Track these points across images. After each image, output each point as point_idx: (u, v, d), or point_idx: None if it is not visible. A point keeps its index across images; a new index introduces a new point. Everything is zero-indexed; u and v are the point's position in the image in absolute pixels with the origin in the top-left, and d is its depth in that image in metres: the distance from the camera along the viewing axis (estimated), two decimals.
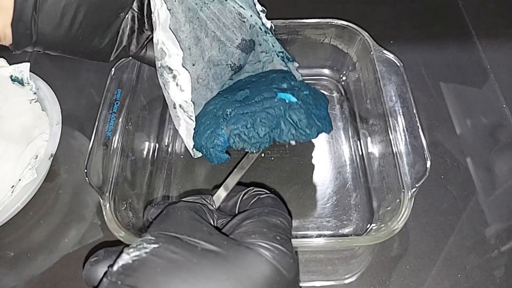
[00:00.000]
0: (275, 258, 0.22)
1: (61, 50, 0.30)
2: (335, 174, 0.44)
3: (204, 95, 0.40)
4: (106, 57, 0.33)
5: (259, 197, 0.30)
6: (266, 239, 0.23)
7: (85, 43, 0.30)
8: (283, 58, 0.44)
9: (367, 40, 0.44)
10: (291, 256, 0.23)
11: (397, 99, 0.40)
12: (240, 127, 0.38)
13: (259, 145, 0.38)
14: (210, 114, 0.39)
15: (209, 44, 0.37)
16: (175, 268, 0.21)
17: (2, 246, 0.41)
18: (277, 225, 0.26)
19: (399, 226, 0.33)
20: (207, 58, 0.37)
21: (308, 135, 0.39)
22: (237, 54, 0.39)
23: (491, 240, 0.40)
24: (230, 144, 0.38)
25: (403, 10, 0.61)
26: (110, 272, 0.21)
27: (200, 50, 0.36)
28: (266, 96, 0.39)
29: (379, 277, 0.38)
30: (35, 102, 0.46)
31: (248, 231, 0.25)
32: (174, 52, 0.34)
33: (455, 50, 0.56)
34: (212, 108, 0.40)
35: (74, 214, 0.43)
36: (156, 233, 0.23)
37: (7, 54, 0.48)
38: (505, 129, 0.48)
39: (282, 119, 0.38)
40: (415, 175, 0.35)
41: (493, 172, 0.44)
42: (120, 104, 0.40)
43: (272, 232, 0.24)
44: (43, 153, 0.42)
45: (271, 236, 0.24)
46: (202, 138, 0.38)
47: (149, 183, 0.43)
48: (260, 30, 0.40)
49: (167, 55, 0.34)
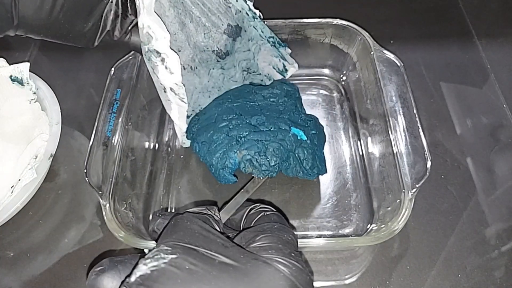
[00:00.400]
0: (293, 275, 0.22)
1: (43, 33, 0.30)
2: (335, 174, 0.44)
3: (192, 81, 0.40)
4: (90, 41, 0.32)
5: (265, 214, 0.30)
6: (283, 255, 0.23)
7: (68, 27, 0.30)
8: (274, 44, 0.44)
9: (367, 40, 0.44)
10: (307, 273, 0.24)
11: (397, 99, 0.40)
12: (253, 153, 0.38)
13: (268, 173, 0.39)
14: (223, 133, 0.39)
15: (194, 29, 0.37)
16: (196, 281, 0.20)
17: (2, 246, 0.41)
18: (289, 242, 0.26)
19: (400, 226, 0.33)
20: (193, 43, 0.37)
21: (309, 175, 0.40)
22: (223, 40, 0.39)
23: (492, 240, 0.40)
24: (239, 167, 0.39)
25: (403, 10, 0.61)
26: (128, 283, 0.21)
27: (186, 36, 0.37)
28: (282, 127, 0.40)
29: (379, 277, 0.38)
30: (34, 102, 0.46)
31: (264, 246, 0.25)
32: (161, 35, 0.34)
33: (455, 50, 0.56)
34: (225, 126, 0.40)
35: (74, 214, 0.43)
36: (171, 243, 0.23)
37: (7, 54, 0.48)
38: (505, 129, 0.47)
39: (291, 154, 0.40)
40: (416, 175, 0.35)
41: (494, 172, 0.44)
42: (120, 104, 0.40)
43: (287, 249, 0.25)
44: (43, 153, 0.42)
45: (286, 252, 0.24)
46: (213, 157, 0.39)
47: (149, 183, 0.43)
48: (247, 16, 0.40)
49: (153, 39, 0.33)
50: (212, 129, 0.40)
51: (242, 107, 0.41)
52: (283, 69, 0.47)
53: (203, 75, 0.41)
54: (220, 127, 0.40)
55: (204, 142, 0.40)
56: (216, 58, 0.40)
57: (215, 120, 0.41)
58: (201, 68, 0.40)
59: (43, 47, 0.58)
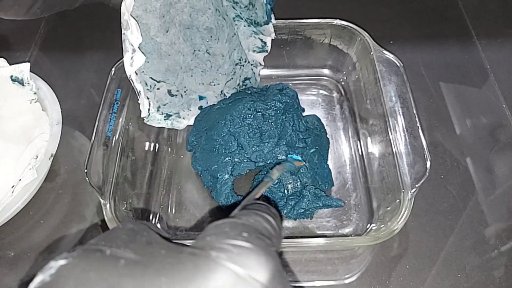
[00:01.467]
0: (232, 260, 0.16)
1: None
2: (335, 174, 0.44)
3: (177, 61, 0.41)
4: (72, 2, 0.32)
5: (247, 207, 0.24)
6: (223, 238, 0.18)
7: None
8: (250, 23, 0.45)
9: (367, 40, 0.44)
10: (259, 251, 0.17)
11: (397, 99, 0.40)
12: None
13: None
14: (227, 173, 0.42)
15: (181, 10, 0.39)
16: None
17: (2, 246, 0.41)
18: (246, 225, 0.20)
19: (399, 226, 0.33)
20: (179, 22, 0.39)
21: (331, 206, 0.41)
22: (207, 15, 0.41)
23: (491, 240, 0.40)
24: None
25: (403, 10, 0.61)
26: None
27: (173, 16, 0.38)
28: (279, 157, 0.42)
29: (379, 277, 0.38)
30: (35, 102, 0.46)
31: (205, 233, 0.19)
32: (135, 35, 0.35)
33: (455, 50, 0.56)
34: (228, 161, 0.42)
35: (74, 214, 0.43)
36: (73, 248, 0.17)
37: (8, 54, 0.49)
38: (505, 129, 0.48)
39: None
40: (415, 175, 0.35)
41: (493, 172, 0.44)
42: (120, 104, 0.40)
43: (236, 230, 0.19)
44: (43, 153, 0.42)
45: (233, 234, 0.18)
46: (220, 199, 0.41)
47: (149, 183, 0.43)
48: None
49: (129, 30, 0.34)
50: (216, 162, 0.42)
51: (243, 133, 0.42)
52: (262, 44, 0.48)
53: (187, 54, 0.42)
54: (224, 163, 0.42)
55: (207, 171, 0.43)
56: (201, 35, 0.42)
57: (217, 150, 0.42)
58: (185, 46, 0.40)
59: (43, 47, 0.58)
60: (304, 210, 0.40)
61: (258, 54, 0.48)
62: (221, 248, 0.17)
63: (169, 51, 0.39)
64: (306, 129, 0.44)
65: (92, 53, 0.57)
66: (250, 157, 0.42)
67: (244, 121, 0.43)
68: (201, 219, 0.42)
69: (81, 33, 0.60)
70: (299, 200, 0.40)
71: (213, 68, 0.45)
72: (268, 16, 0.45)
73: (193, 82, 0.45)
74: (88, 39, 0.59)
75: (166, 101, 0.43)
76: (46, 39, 0.59)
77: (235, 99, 0.45)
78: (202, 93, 0.46)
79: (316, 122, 0.46)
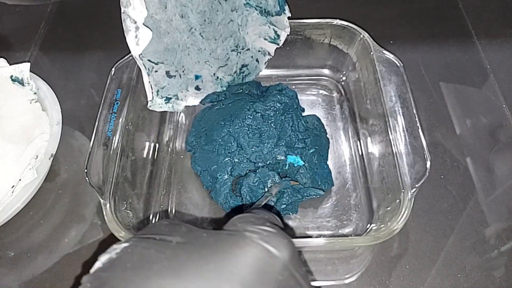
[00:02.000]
0: (263, 239, 0.20)
1: None
2: (335, 174, 0.44)
3: (175, 38, 0.41)
4: None
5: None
6: (253, 224, 0.22)
7: None
8: (262, 12, 0.44)
9: (367, 40, 0.44)
10: (283, 236, 0.22)
11: (397, 99, 0.40)
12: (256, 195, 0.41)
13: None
14: (226, 173, 0.42)
15: None
16: (146, 262, 0.19)
17: (2, 246, 0.41)
18: (266, 218, 0.25)
19: (399, 226, 0.33)
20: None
21: (311, 196, 0.42)
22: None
23: (491, 240, 0.40)
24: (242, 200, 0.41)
25: (403, 10, 0.61)
26: (82, 281, 0.19)
27: None
28: (278, 158, 0.42)
29: (379, 277, 0.38)
30: (35, 102, 0.46)
31: (233, 222, 0.24)
32: (138, 9, 0.34)
33: (455, 50, 0.56)
34: (228, 162, 0.42)
35: (74, 214, 0.43)
36: (129, 237, 0.22)
37: (8, 54, 0.49)
38: (505, 129, 0.48)
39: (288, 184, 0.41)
40: (415, 175, 0.35)
41: (493, 172, 0.44)
42: (120, 104, 0.40)
43: (260, 221, 0.23)
44: (43, 153, 0.42)
45: (258, 222, 0.23)
46: (219, 199, 0.41)
47: (149, 183, 0.43)
48: None
49: (131, 6, 0.34)
50: (215, 163, 0.42)
51: (243, 134, 0.42)
52: (274, 36, 0.47)
53: (183, 31, 0.41)
54: (223, 163, 0.42)
55: (206, 171, 0.43)
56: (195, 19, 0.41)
57: (217, 150, 0.43)
58: (181, 23, 0.40)
59: (43, 47, 0.58)
60: (286, 205, 0.40)
61: (269, 43, 0.47)
62: (253, 231, 0.21)
63: (168, 28, 0.38)
64: (305, 129, 0.44)
65: (92, 53, 0.57)
66: (249, 157, 0.42)
67: (244, 121, 0.43)
68: (201, 219, 0.42)
69: (81, 33, 0.60)
70: (280, 196, 0.40)
71: (206, 51, 0.45)
72: (281, 6, 0.45)
73: (190, 60, 0.44)
74: (88, 39, 0.59)
75: (164, 83, 0.42)
76: (46, 39, 0.59)
77: (234, 100, 0.45)
78: (198, 72, 0.46)
79: (316, 122, 0.46)
